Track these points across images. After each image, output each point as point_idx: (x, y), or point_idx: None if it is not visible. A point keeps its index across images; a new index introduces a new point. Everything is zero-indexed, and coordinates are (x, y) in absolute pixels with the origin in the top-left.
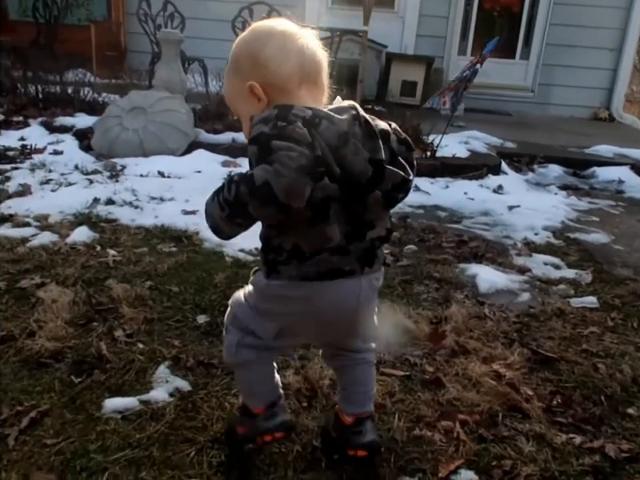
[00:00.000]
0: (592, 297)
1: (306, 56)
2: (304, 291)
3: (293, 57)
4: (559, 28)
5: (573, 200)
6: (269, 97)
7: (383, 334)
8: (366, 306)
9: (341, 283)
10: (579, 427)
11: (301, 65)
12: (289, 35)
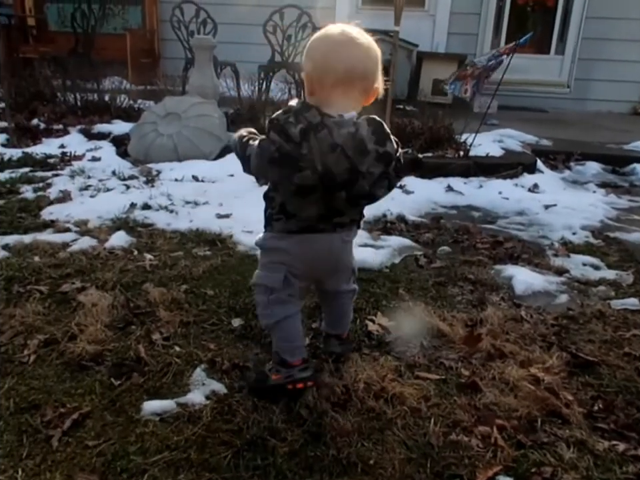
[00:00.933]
0: (634, 299)
1: (346, 63)
2: (289, 241)
3: (335, 60)
4: (595, 21)
5: (612, 198)
6: (311, 87)
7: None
8: (338, 253)
9: (316, 237)
10: (622, 433)
11: (338, 69)
12: (340, 41)
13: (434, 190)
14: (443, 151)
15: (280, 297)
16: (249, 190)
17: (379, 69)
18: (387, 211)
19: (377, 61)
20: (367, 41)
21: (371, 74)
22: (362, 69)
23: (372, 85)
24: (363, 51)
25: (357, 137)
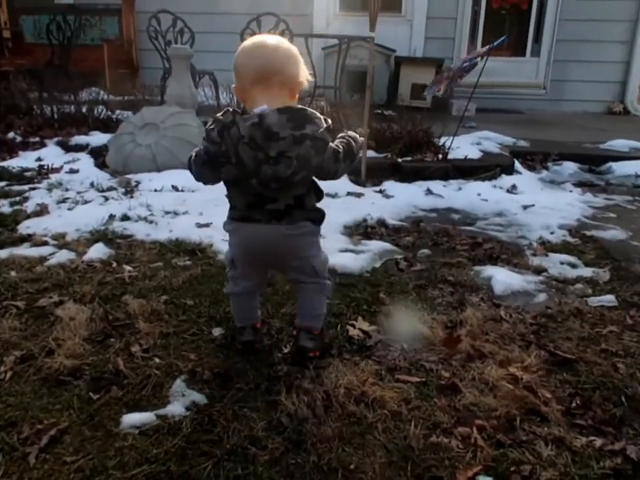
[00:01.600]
0: (610, 296)
1: (255, 63)
2: (233, 227)
3: (246, 64)
4: (568, 23)
5: (589, 197)
6: (239, 95)
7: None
8: (277, 246)
9: (250, 225)
10: (600, 429)
11: (250, 70)
12: (249, 48)
13: (414, 193)
14: (422, 154)
15: (233, 275)
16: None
17: (295, 64)
18: (368, 215)
19: (288, 57)
20: (276, 42)
21: (285, 69)
22: (272, 67)
23: (290, 79)
24: (270, 51)
25: (263, 126)
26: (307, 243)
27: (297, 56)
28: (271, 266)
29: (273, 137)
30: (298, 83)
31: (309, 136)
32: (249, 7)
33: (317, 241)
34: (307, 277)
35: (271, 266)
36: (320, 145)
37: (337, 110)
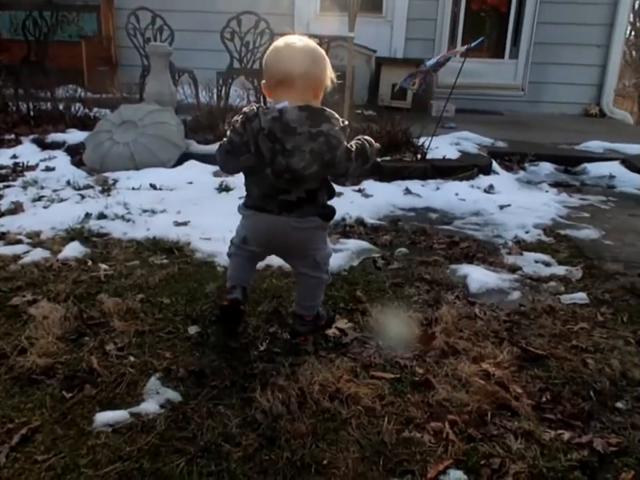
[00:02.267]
0: (582, 293)
1: (287, 66)
2: (246, 214)
3: (278, 65)
4: (546, 26)
5: (564, 197)
6: (265, 90)
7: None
8: (284, 237)
9: (263, 215)
10: (568, 422)
11: (281, 72)
12: (280, 49)
13: (392, 193)
14: (401, 154)
15: (239, 244)
16: (209, 197)
17: (320, 66)
18: (346, 214)
19: (313, 59)
20: (303, 45)
21: (311, 73)
22: (298, 70)
23: (314, 81)
24: (297, 53)
25: (283, 120)
26: (314, 236)
27: (322, 58)
28: (276, 253)
29: (290, 131)
30: (322, 84)
31: (323, 133)
32: (229, 6)
33: (323, 235)
34: (308, 270)
35: (276, 253)
36: (333, 143)
37: None
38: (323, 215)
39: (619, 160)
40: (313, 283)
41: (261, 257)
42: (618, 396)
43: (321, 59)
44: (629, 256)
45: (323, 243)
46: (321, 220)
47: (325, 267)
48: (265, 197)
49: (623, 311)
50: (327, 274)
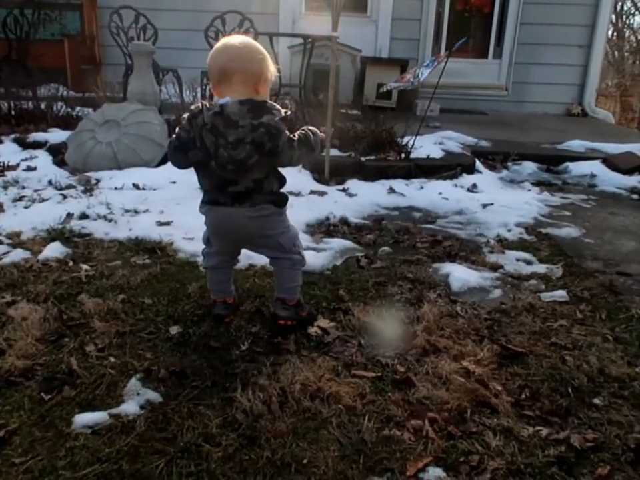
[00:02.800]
0: (562, 291)
1: (222, 63)
2: (204, 210)
3: (215, 64)
4: (529, 27)
5: (546, 195)
6: (213, 90)
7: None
8: (242, 228)
9: (217, 208)
10: (546, 419)
11: (218, 69)
12: (217, 49)
13: (376, 192)
14: (386, 153)
15: (207, 251)
16: (191, 196)
17: (258, 61)
18: (330, 214)
19: (250, 55)
20: (238, 42)
21: (247, 68)
22: (233, 66)
23: (253, 76)
24: (231, 51)
25: (224, 115)
26: (271, 222)
27: (259, 54)
28: (239, 244)
29: (232, 124)
30: (260, 79)
31: (264, 124)
32: (213, 5)
33: (282, 220)
34: (278, 253)
35: (239, 244)
36: (273, 132)
37: (302, 108)
38: (275, 201)
39: (599, 159)
40: (286, 264)
41: (231, 255)
42: (595, 392)
43: (255, 53)
44: (608, 254)
45: (284, 227)
46: (274, 206)
47: (294, 249)
48: (216, 190)
49: (601, 308)
50: (298, 254)
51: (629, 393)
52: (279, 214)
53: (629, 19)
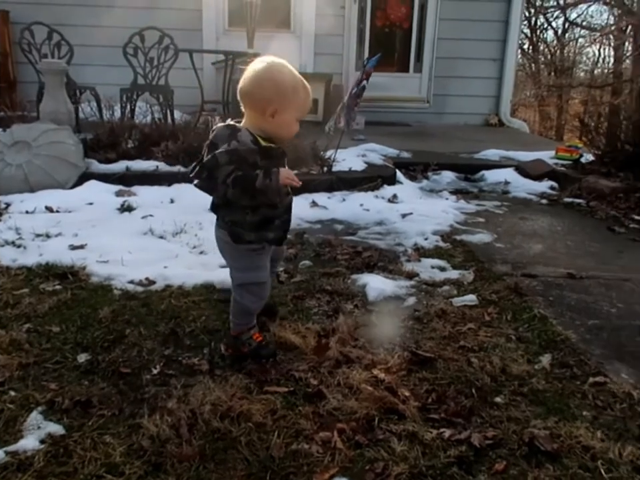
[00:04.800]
0: (472, 295)
1: (240, 86)
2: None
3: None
4: (446, 42)
5: (462, 203)
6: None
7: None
8: (219, 248)
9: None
10: (451, 420)
11: (238, 91)
12: (245, 70)
13: (299, 206)
14: (309, 167)
15: None
16: (109, 218)
17: (268, 88)
18: None
19: (259, 82)
20: (259, 67)
21: (255, 93)
22: (244, 90)
23: (258, 102)
24: (250, 76)
25: (213, 135)
26: (225, 249)
27: (267, 80)
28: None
29: (214, 147)
30: (267, 105)
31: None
32: (132, 21)
33: (234, 254)
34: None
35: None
36: (213, 163)
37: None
38: (229, 232)
39: (512, 167)
40: (232, 298)
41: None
42: (497, 391)
43: (265, 80)
44: (516, 257)
45: (234, 260)
46: (228, 236)
47: (238, 287)
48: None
49: (507, 309)
50: (239, 295)
51: (528, 390)
52: (230, 245)
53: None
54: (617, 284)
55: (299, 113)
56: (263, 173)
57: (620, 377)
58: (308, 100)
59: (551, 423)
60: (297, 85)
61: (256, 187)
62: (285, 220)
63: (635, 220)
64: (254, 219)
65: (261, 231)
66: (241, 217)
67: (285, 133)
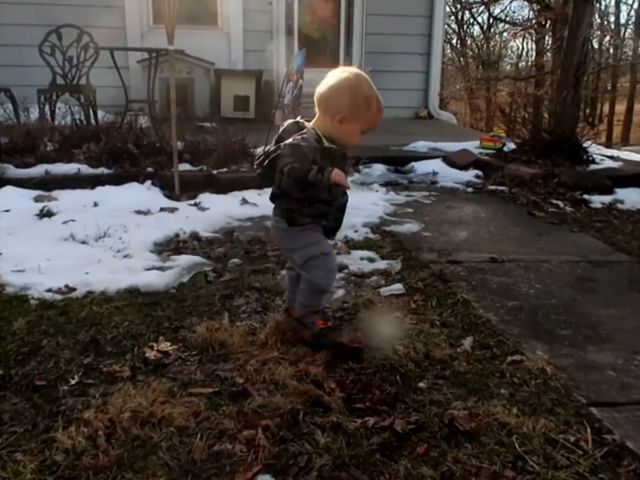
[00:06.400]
0: (399, 284)
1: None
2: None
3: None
4: (374, 37)
5: (392, 195)
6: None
7: None
8: (277, 236)
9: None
10: (375, 408)
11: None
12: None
13: (230, 204)
14: (239, 165)
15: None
16: (27, 224)
17: (341, 98)
18: (180, 230)
19: (333, 90)
20: (341, 78)
21: (326, 99)
22: (321, 95)
23: (328, 107)
24: (330, 83)
25: (282, 129)
26: (284, 235)
27: (349, 92)
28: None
29: (280, 140)
30: (339, 113)
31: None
32: (49, 18)
33: (295, 238)
34: (297, 267)
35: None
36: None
37: (155, 124)
38: (286, 219)
39: (440, 158)
40: (301, 279)
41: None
42: (421, 376)
43: (343, 90)
44: (442, 245)
45: (298, 244)
46: (285, 223)
47: (306, 267)
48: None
49: (432, 296)
50: (308, 274)
51: (450, 373)
52: (286, 230)
53: (469, 28)
54: (536, 266)
55: (366, 127)
56: (317, 168)
57: (536, 354)
58: (378, 117)
59: (470, 403)
60: (371, 100)
61: (308, 179)
62: (337, 217)
63: (553, 204)
64: (310, 211)
65: (315, 218)
66: (298, 207)
67: (348, 140)
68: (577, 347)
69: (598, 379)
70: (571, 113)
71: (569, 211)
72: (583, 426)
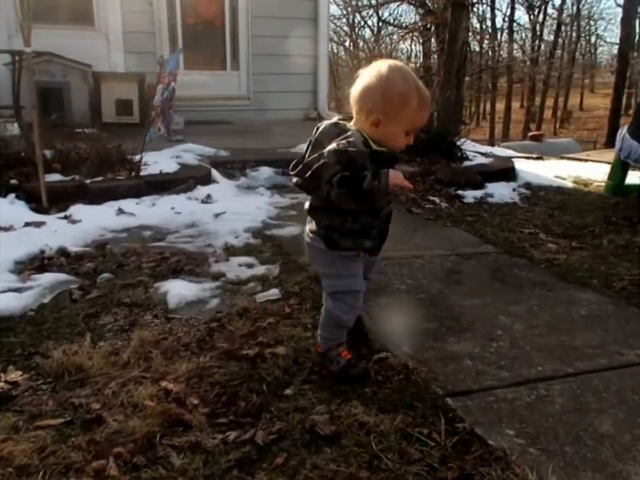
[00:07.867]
0: (275, 289)
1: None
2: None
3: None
4: (260, 39)
5: (277, 198)
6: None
7: None
8: (311, 256)
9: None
10: (239, 421)
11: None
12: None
13: (104, 215)
14: (116, 173)
15: None
16: None
17: (374, 97)
18: (46, 246)
19: (364, 88)
20: (371, 74)
21: (357, 99)
22: (352, 94)
23: (362, 107)
24: (360, 81)
25: (318, 132)
26: (317, 256)
27: (380, 90)
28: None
29: (318, 144)
30: (371, 115)
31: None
32: None
33: (327, 261)
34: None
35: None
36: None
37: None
38: (323, 237)
39: None
40: (324, 309)
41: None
42: (288, 383)
43: (372, 88)
44: None
45: (328, 269)
46: (322, 242)
47: (331, 298)
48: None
49: (307, 299)
50: (332, 306)
51: (317, 377)
52: (324, 252)
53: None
54: (409, 262)
55: (409, 126)
56: (371, 173)
57: (400, 350)
58: (420, 114)
59: (334, 405)
60: (409, 96)
61: (363, 189)
62: (382, 229)
63: (430, 200)
64: (354, 226)
65: (358, 238)
66: (340, 223)
67: (390, 144)
68: (440, 339)
69: (456, 368)
70: (453, 112)
71: (444, 206)
72: (438, 417)
